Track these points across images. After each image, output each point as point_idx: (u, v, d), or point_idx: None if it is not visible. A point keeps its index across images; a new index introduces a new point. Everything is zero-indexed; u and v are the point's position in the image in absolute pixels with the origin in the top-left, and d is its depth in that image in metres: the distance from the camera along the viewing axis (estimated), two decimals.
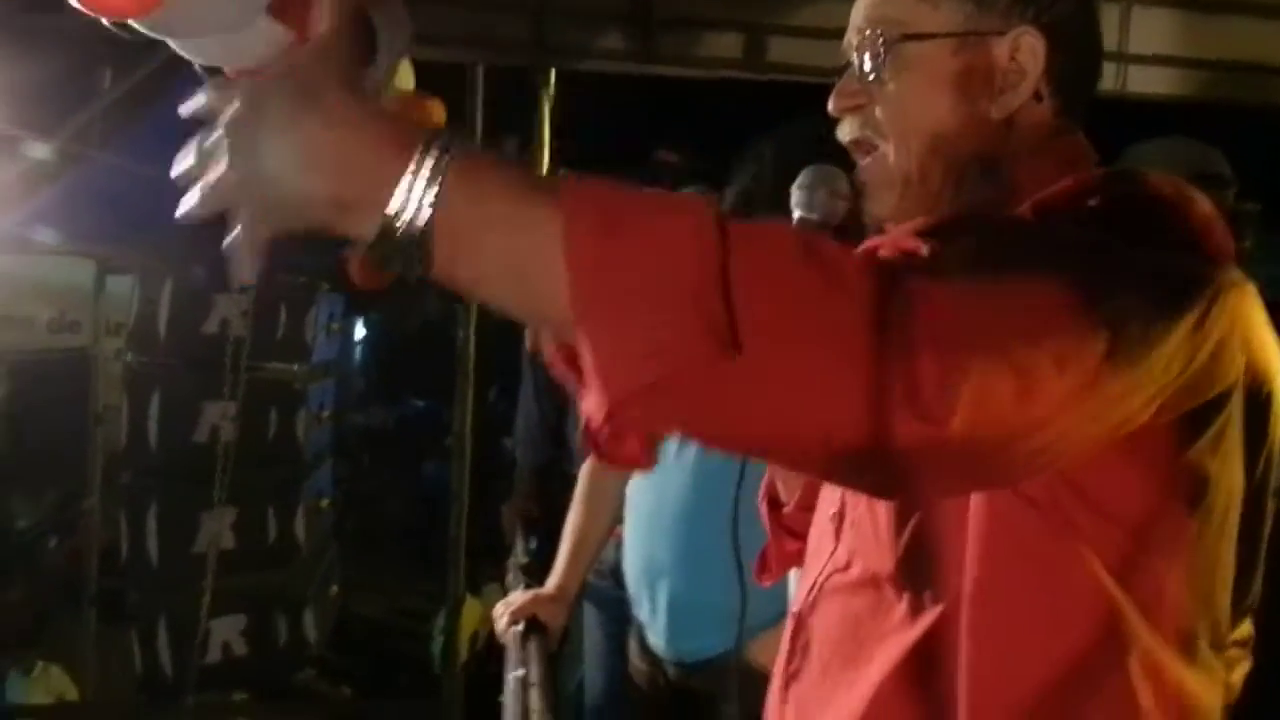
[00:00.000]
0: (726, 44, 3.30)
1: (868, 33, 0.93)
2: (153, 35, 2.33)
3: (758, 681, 1.15)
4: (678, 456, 1.96)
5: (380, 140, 0.64)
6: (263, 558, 3.92)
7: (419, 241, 0.63)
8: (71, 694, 3.75)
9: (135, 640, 3.72)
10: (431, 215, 0.62)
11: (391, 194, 0.63)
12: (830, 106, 0.96)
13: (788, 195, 1.06)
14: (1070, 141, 0.94)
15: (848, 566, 0.94)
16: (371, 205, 0.63)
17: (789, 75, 3.28)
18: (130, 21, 2.21)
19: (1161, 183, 0.83)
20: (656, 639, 1.98)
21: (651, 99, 3.86)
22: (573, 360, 0.69)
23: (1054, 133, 0.93)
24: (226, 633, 3.74)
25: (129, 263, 3.95)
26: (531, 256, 0.63)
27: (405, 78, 3.30)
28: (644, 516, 2.01)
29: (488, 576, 4.15)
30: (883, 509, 0.89)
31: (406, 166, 0.63)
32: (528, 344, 3.02)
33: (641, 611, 2.02)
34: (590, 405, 0.64)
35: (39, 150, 3.76)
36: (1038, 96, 0.92)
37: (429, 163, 0.63)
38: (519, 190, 0.64)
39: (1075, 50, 0.94)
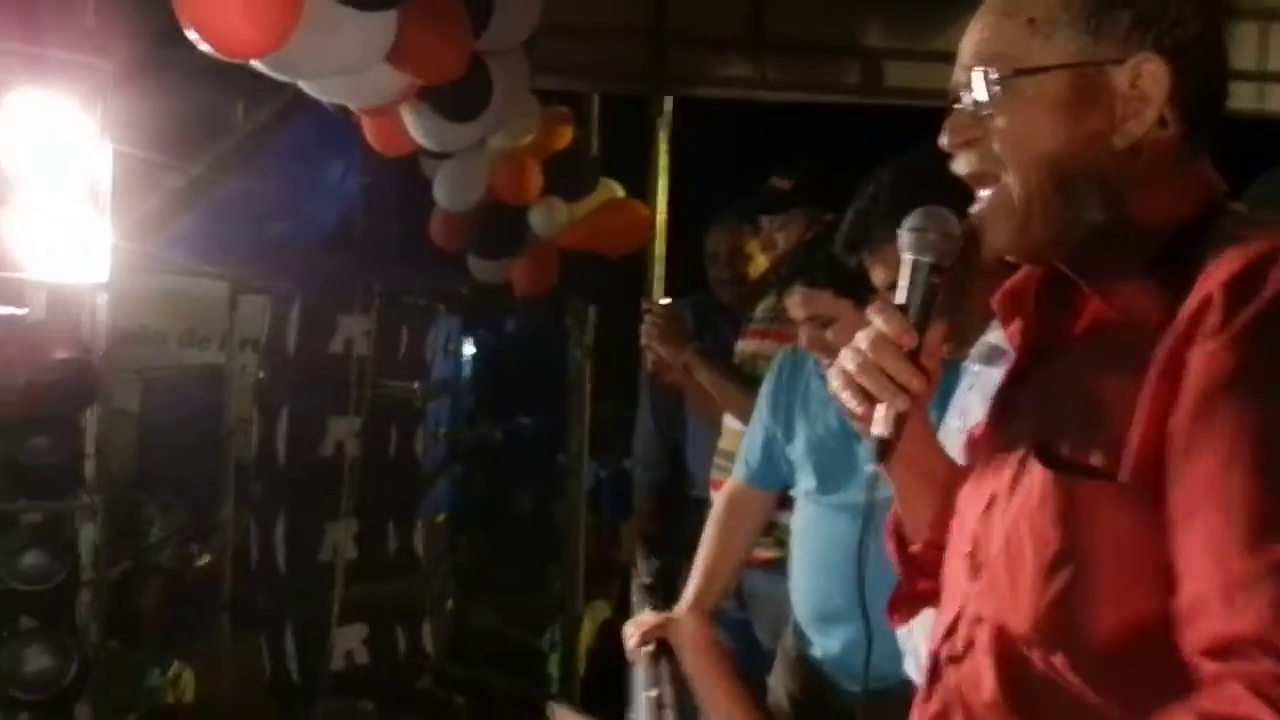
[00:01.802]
0: (844, 69, 3.32)
1: (978, 69, 0.91)
2: (276, 75, 2.44)
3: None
4: (837, 495, 1.96)
5: None
6: (383, 569, 4.04)
7: None
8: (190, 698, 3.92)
9: (264, 646, 3.87)
10: None
11: None
12: (943, 142, 0.95)
13: (901, 215, 1.05)
14: (1197, 168, 0.91)
15: (981, 617, 0.92)
16: None
17: (907, 100, 3.28)
18: (254, 62, 2.31)
19: None
20: (833, 668, 1.97)
21: (770, 123, 3.88)
22: None
23: (1180, 159, 0.90)
24: (350, 641, 3.87)
25: (261, 283, 4.13)
26: None
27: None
28: (810, 558, 2.01)
29: (595, 593, 4.20)
30: (1024, 566, 0.86)
31: None
32: (648, 366, 3.06)
33: (814, 648, 2.01)
34: None
35: (178, 178, 3.98)
36: (1163, 122, 0.88)
37: None
38: None
39: (1201, 73, 0.90)
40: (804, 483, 2.05)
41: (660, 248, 3.51)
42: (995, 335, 1.35)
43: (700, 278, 3.23)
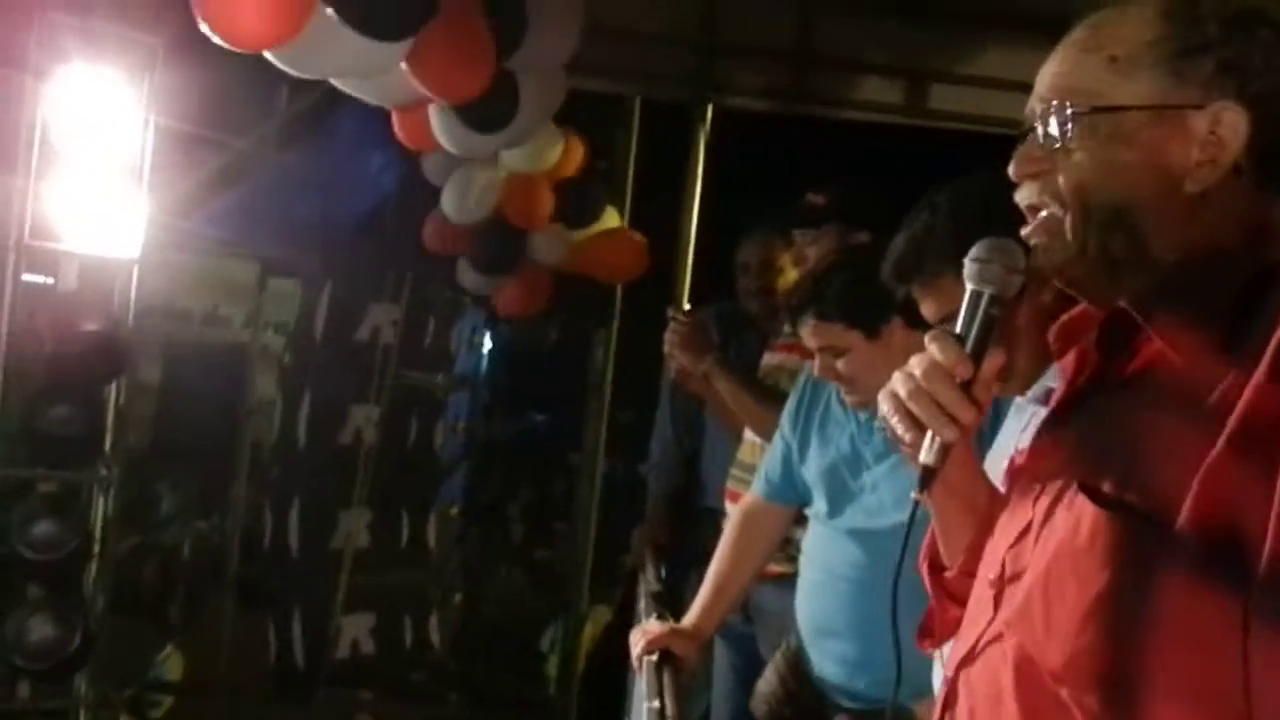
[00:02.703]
0: (888, 88, 3.30)
1: (1054, 103, 0.90)
2: (288, 69, 2.43)
3: None
4: (843, 519, 1.96)
5: None
6: (394, 559, 4.04)
7: None
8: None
9: (271, 629, 3.88)
10: None
11: None
12: (1011, 171, 0.94)
13: (958, 247, 1.04)
14: (1269, 217, 0.89)
15: (1002, 638, 0.90)
16: None
17: (949, 123, 3.26)
18: (267, 54, 2.31)
19: None
20: (827, 685, 1.98)
21: (807, 139, 3.87)
22: None
23: (1252, 207, 0.88)
24: (356, 630, 3.88)
25: (292, 266, 4.15)
26: None
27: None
28: (814, 576, 2.01)
29: (598, 596, 4.19)
30: (1063, 601, 0.84)
31: None
32: (671, 372, 3.05)
33: (813, 660, 2.02)
34: None
35: (217, 157, 4.01)
36: (1236, 170, 0.87)
37: None
38: None
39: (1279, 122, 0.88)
40: (816, 503, 2.05)
41: (690, 256, 3.50)
42: (1052, 378, 1.32)
43: (729, 288, 3.21)
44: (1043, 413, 1.30)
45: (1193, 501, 0.78)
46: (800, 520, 2.17)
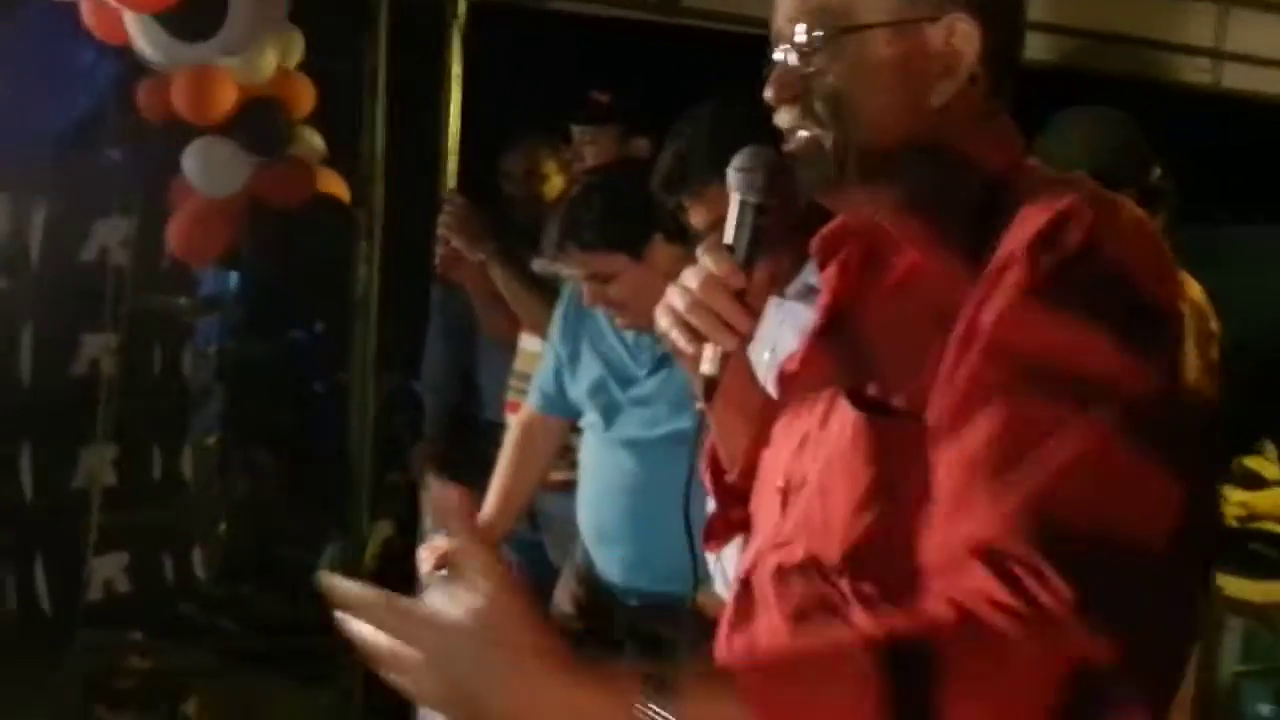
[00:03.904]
0: None
1: (801, 24, 0.92)
2: None
3: (708, 630, 1.21)
4: (616, 430, 2.01)
5: (598, 702, 0.67)
6: (147, 495, 3.80)
7: None
8: None
9: (10, 580, 3.57)
10: None
11: None
12: (768, 96, 0.96)
13: (721, 154, 1.07)
14: (1001, 122, 0.96)
15: (791, 543, 0.95)
16: None
17: (703, 21, 3.28)
18: None
19: (1135, 234, 0.84)
20: (610, 585, 2.05)
21: (573, 39, 3.79)
22: None
23: (987, 114, 0.94)
24: (109, 570, 3.63)
25: None
26: None
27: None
28: (593, 485, 2.06)
29: (377, 514, 4.11)
30: (837, 500, 0.90)
31: None
32: (437, 262, 2.98)
33: (597, 564, 2.07)
34: None
35: None
36: (972, 79, 0.92)
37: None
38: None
39: (1006, 30, 0.94)
40: (589, 416, 2.10)
41: (453, 163, 3.38)
42: (811, 275, 1.39)
43: (495, 196, 3.15)
44: (801, 309, 1.38)
45: (935, 398, 0.83)
46: (579, 428, 2.22)
